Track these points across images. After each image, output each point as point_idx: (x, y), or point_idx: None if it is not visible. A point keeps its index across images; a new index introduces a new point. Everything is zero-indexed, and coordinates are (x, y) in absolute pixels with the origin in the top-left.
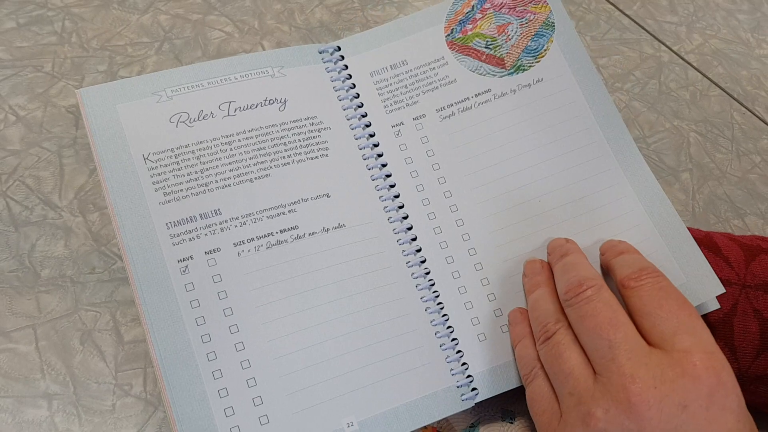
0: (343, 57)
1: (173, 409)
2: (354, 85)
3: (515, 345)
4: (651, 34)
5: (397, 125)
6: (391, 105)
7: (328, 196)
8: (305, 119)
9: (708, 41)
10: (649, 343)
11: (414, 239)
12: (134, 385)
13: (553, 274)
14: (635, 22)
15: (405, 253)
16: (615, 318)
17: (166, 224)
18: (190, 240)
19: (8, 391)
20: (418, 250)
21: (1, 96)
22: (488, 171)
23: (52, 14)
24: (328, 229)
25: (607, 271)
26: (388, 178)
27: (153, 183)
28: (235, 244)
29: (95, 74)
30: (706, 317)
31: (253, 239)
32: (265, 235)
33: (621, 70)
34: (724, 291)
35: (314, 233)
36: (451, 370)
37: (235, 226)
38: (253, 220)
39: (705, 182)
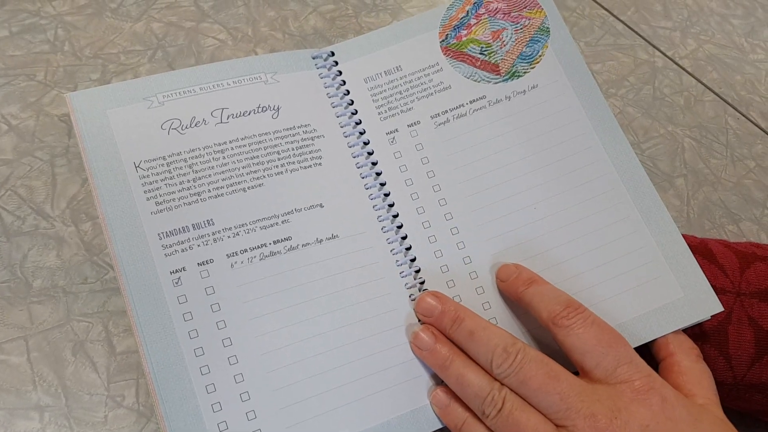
0: (337, 63)
1: (166, 423)
2: (348, 92)
3: (459, 430)
4: (645, 40)
5: (391, 132)
6: (386, 111)
7: (321, 206)
8: (299, 127)
9: (702, 46)
10: (591, 378)
11: (408, 249)
12: (126, 397)
13: (447, 340)
14: (629, 27)
15: (399, 263)
16: (552, 371)
17: (158, 234)
18: (182, 251)
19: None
20: (413, 260)
21: None
22: (483, 178)
23: (44, 22)
24: (321, 240)
25: (513, 300)
26: (383, 187)
27: (145, 192)
28: (228, 256)
29: (88, 83)
30: (701, 325)
31: (246, 250)
32: (258, 246)
33: (615, 75)
34: (723, 309)
35: (307, 244)
36: None
37: (228, 237)
38: (246, 231)
39: (700, 188)
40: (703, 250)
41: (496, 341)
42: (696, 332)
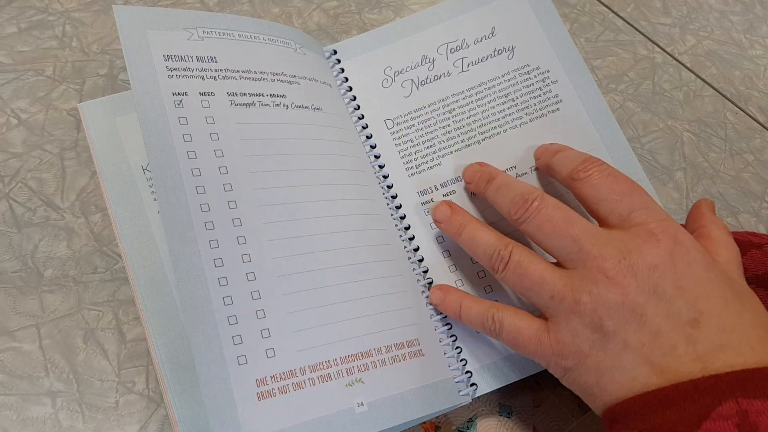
0: (339, 60)
1: (175, 410)
2: (350, 88)
3: (460, 312)
4: (645, 36)
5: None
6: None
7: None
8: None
9: (701, 42)
10: (607, 226)
11: (412, 239)
12: (137, 383)
13: (463, 210)
14: (629, 23)
15: (406, 249)
16: (568, 216)
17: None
18: None
19: (13, 389)
20: (416, 249)
21: (3, 99)
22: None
23: (52, 19)
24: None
25: (548, 173)
26: (384, 175)
27: (152, 193)
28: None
29: (96, 78)
30: None
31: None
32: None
33: (615, 71)
34: None
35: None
36: (450, 365)
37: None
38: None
39: (699, 181)
40: None
41: (518, 190)
42: None
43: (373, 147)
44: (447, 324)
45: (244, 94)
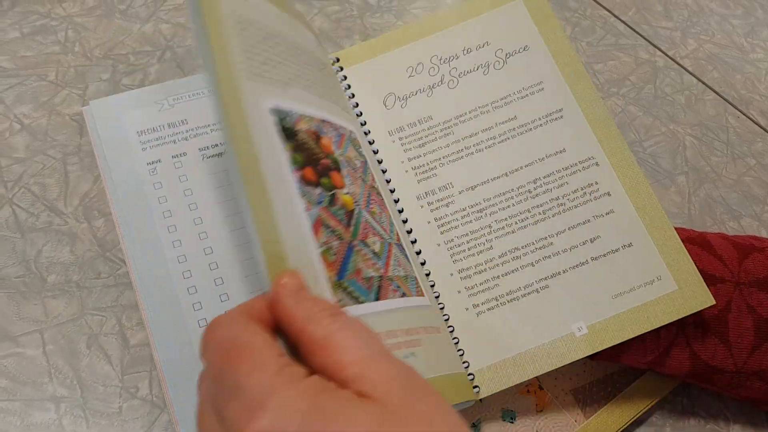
0: (342, 68)
1: (176, 412)
2: (353, 95)
3: None
4: (646, 40)
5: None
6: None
7: None
8: None
9: (702, 46)
10: None
11: (414, 242)
12: (140, 388)
13: None
14: (630, 27)
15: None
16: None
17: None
18: None
19: (16, 395)
20: (418, 253)
21: (6, 104)
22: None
23: (55, 24)
24: None
25: None
26: (388, 184)
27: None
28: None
29: (98, 83)
30: (701, 314)
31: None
32: None
33: (617, 75)
34: (714, 303)
35: None
36: None
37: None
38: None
39: (701, 185)
40: (701, 242)
41: None
42: (696, 321)
43: (375, 152)
44: (450, 326)
45: (216, 146)
